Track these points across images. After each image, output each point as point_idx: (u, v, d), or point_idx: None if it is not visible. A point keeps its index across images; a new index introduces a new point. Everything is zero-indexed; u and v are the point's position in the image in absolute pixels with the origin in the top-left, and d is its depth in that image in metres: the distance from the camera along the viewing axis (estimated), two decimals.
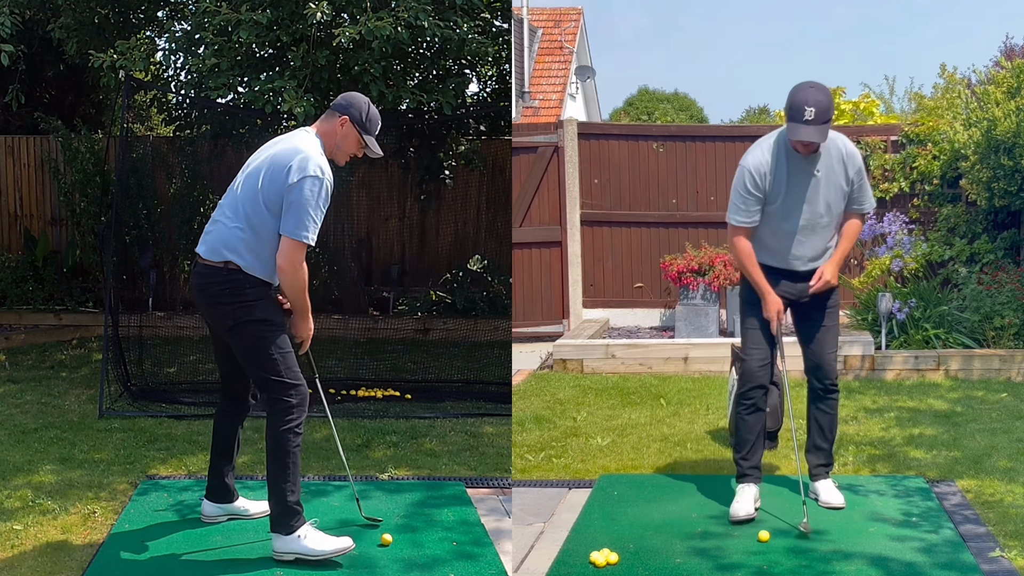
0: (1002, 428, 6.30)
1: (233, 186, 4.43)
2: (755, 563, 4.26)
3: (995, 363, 7.83)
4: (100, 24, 8.81)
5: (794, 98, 4.51)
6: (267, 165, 4.31)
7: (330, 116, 4.44)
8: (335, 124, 4.41)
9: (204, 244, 4.41)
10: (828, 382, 4.94)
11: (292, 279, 4.30)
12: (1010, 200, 8.59)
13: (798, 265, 4.82)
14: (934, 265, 9.25)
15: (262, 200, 4.27)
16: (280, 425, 4.30)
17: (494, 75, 9.86)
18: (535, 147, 9.92)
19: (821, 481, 5.02)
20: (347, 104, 4.43)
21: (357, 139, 4.44)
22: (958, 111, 9.15)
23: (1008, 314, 8.10)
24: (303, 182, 4.20)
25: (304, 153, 4.25)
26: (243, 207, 4.32)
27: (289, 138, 4.42)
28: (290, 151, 4.29)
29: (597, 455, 5.93)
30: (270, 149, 4.41)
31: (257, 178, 4.31)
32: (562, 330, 9.79)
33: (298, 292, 4.35)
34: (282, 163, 4.26)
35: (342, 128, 4.40)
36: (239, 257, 4.29)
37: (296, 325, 4.46)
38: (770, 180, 4.67)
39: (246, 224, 4.29)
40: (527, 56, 19.55)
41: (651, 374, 8.24)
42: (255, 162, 4.41)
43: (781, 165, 4.67)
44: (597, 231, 10.05)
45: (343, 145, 4.43)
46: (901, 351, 8.00)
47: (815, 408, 5.02)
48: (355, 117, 4.40)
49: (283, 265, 4.25)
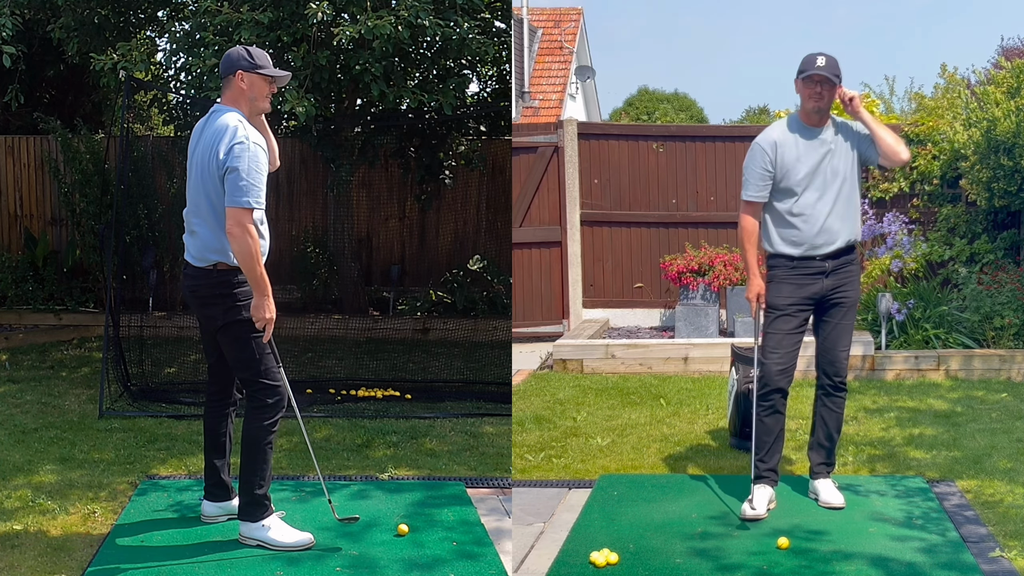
0: (1002, 428, 6.30)
1: (192, 187, 4.51)
2: (755, 563, 4.26)
3: (995, 363, 7.84)
4: (100, 24, 8.81)
5: (805, 58, 4.74)
6: (200, 159, 4.41)
7: (226, 84, 4.47)
8: (235, 84, 4.45)
9: (188, 253, 4.51)
10: (838, 379, 4.95)
11: (240, 244, 4.23)
12: (1010, 200, 8.59)
13: (829, 245, 4.84)
14: (934, 265, 9.25)
15: (212, 192, 4.34)
16: (256, 423, 4.46)
17: (494, 75, 9.87)
18: (535, 147, 9.92)
19: (821, 480, 5.02)
20: (231, 62, 4.45)
21: (262, 81, 4.47)
22: (958, 111, 9.15)
23: (1008, 314, 8.10)
24: (230, 152, 4.25)
25: (222, 127, 4.32)
26: (204, 208, 4.39)
27: (205, 124, 4.48)
28: (210, 134, 4.37)
29: (597, 455, 5.93)
30: (197, 144, 4.48)
31: (200, 175, 4.40)
32: (562, 330, 9.79)
33: (249, 259, 4.25)
34: (209, 148, 4.34)
35: (243, 83, 4.44)
36: (224, 256, 4.37)
37: (254, 304, 4.32)
38: (781, 153, 4.77)
39: (214, 222, 4.36)
40: (527, 56, 19.55)
41: (651, 374, 8.24)
42: (192, 162, 4.50)
43: (791, 141, 4.79)
44: (597, 231, 10.05)
45: (256, 95, 4.47)
46: (901, 351, 8.01)
47: (822, 405, 5.02)
48: (245, 66, 4.43)
49: (230, 229, 4.24)
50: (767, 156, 4.79)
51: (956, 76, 9.70)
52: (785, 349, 4.85)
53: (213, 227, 4.37)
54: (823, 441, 5.03)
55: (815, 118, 4.80)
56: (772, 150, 4.79)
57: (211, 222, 4.38)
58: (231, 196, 4.25)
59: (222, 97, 4.51)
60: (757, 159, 4.82)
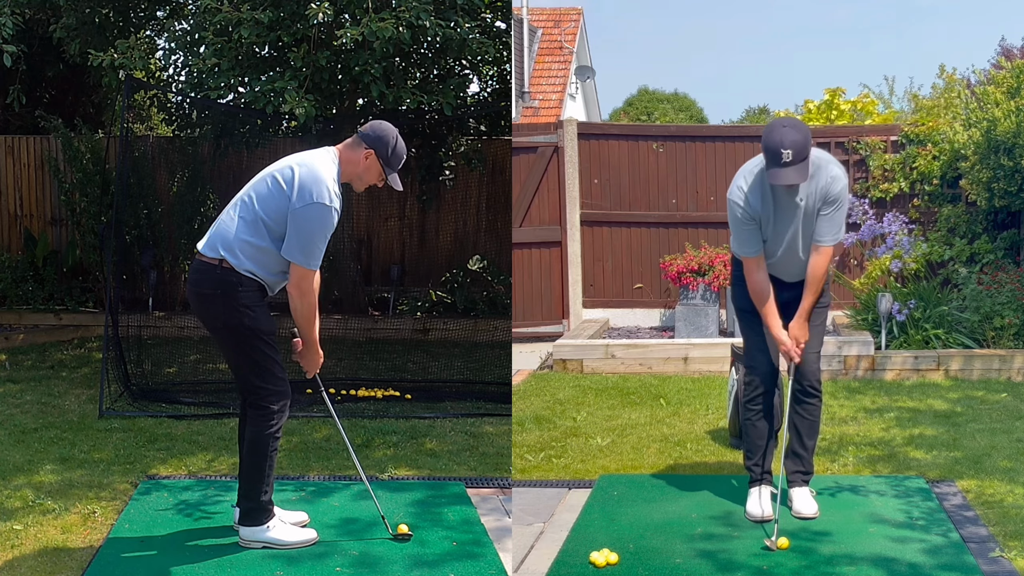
0: (1002, 428, 6.30)
1: (247, 187, 4.40)
2: (756, 563, 4.26)
3: (995, 363, 7.84)
4: (101, 23, 8.81)
5: (769, 140, 4.37)
6: (280, 176, 4.27)
7: (356, 145, 4.38)
8: (360, 155, 4.36)
9: (205, 239, 4.40)
10: (807, 383, 4.79)
11: (299, 304, 4.30)
12: (1010, 200, 8.59)
13: (787, 279, 4.74)
14: (934, 265, 9.26)
15: (263, 208, 4.25)
16: (260, 429, 4.40)
17: (494, 75, 9.87)
18: (535, 147, 9.92)
19: (797, 489, 4.87)
20: (375, 137, 4.36)
21: (379, 172, 4.40)
22: (958, 111, 9.16)
23: (1008, 314, 8.10)
24: (311, 208, 4.18)
25: (318, 176, 4.21)
26: (250, 210, 4.29)
27: (311, 156, 4.34)
28: (306, 170, 4.24)
29: (597, 455, 5.93)
30: (289, 160, 4.35)
31: (266, 185, 4.29)
32: (562, 330, 9.79)
33: (306, 319, 4.33)
34: (292, 179, 4.22)
35: (366, 160, 4.36)
36: (233, 257, 4.27)
37: (304, 356, 4.46)
38: (754, 203, 4.54)
39: (249, 226, 4.27)
40: (527, 56, 19.54)
41: (651, 374, 8.24)
42: (272, 169, 4.37)
43: (765, 192, 4.55)
44: (597, 231, 10.05)
45: (364, 176, 4.40)
46: (901, 351, 8.01)
47: (794, 412, 4.84)
48: (381, 153, 4.36)
49: (291, 290, 4.29)
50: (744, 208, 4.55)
51: (955, 76, 9.71)
52: (768, 349, 4.77)
53: (243, 229, 4.26)
54: (797, 449, 4.89)
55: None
56: (745, 201, 4.55)
57: (244, 223, 4.27)
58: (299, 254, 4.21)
59: (344, 146, 4.39)
60: (735, 212, 4.57)
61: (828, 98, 11.51)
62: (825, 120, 11.19)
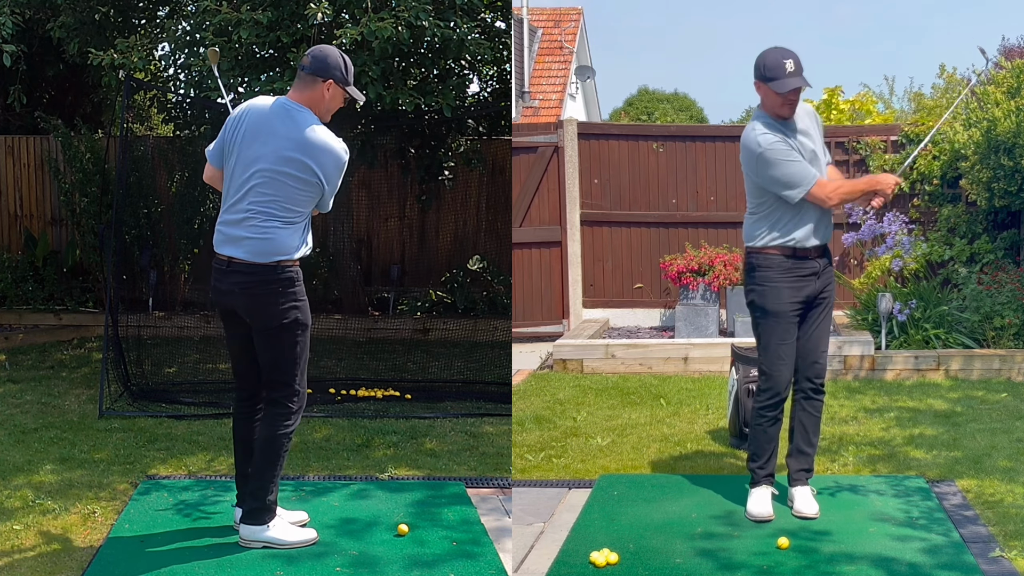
0: (1002, 428, 6.30)
1: (241, 182, 4.32)
2: (757, 563, 4.26)
3: (995, 363, 7.83)
4: (100, 23, 8.80)
5: (767, 59, 4.57)
6: (296, 172, 4.24)
7: (310, 83, 4.28)
8: (320, 91, 4.29)
9: (240, 249, 4.30)
10: (819, 381, 4.83)
11: None
12: (1010, 200, 8.59)
13: (820, 238, 4.73)
14: (934, 265, 9.26)
15: (296, 203, 4.27)
16: (277, 428, 4.41)
17: (494, 75, 9.87)
18: (535, 147, 9.92)
19: (799, 487, 4.88)
20: (325, 66, 4.28)
21: (342, 95, 4.38)
22: (958, 111, 9.16)
23: (1008, 314, 8.10)
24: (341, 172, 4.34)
25: (329, 147, 4.27)
26: (268, 202, 4.26)
27: (295, 129, 4.25)
28: (316, 151, 4.25)
29: (597, 455, 5.93)
30: (282, 145, 4.24)
31: (288, 186, 4.25)
32: (562, 330, 9.79)
33: None
34: (314, 170, 4.24)
35: (328, 92, 4.31)
36: (286, 254, 4.28)
37: None
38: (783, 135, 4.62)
39: (281, 221, 4.27)
40: (527, 56, 19.54)
41: (651, 374, 8.24)
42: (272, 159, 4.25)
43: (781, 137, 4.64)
44: (597, 231, 10.05)
45: (331, 106, 4.37)
46: (901, 351, 8.00)
47: (801, 410, 4.88)
48: (338, 78, 4.30)
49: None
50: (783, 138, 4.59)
51: (956, 76, 9.71)
52: (792, 357, 4.76)
53: (280, 225, 4.26)
54: (803, 447, 4.89)
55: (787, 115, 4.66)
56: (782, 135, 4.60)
57: (280, 219, 4.26)
58: (326, 205, 4.42)
59: (296, 92, 4.31)
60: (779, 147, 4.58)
61: (827, 97, 11.51)
62: (824, 120, 11.20)
